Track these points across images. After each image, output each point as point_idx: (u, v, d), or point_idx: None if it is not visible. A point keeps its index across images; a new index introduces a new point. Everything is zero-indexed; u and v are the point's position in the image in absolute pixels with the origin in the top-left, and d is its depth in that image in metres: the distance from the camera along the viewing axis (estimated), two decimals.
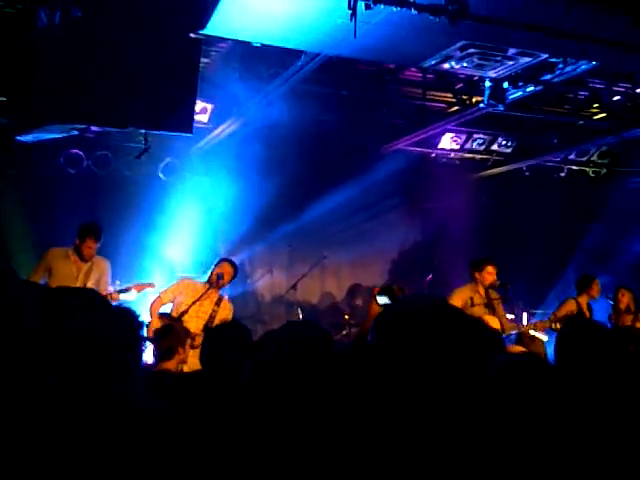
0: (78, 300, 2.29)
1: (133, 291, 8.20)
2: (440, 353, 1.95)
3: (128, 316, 2.41)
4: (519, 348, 5.39)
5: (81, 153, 9.67)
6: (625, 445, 2.59)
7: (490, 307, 8.42)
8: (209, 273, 7.84)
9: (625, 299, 9.18)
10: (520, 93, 7.63)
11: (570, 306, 9.01)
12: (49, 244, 8.40)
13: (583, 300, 9.12)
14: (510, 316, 9.30)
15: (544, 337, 7.97)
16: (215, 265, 7.86)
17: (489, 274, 8.41)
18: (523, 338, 8.12)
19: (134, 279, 8.73)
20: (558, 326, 8.64)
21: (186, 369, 5.91)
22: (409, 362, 1.95)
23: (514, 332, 8.38)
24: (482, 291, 8.43)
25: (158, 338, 5.40)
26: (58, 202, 9.19)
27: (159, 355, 5.28)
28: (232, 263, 7.88)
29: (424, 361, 1.94)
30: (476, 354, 2.02)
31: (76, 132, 6.26)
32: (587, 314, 9.01)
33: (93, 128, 7.84)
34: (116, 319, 2.29)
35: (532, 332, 8.23)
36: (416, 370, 1.93)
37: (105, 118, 5.88)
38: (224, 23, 5.66)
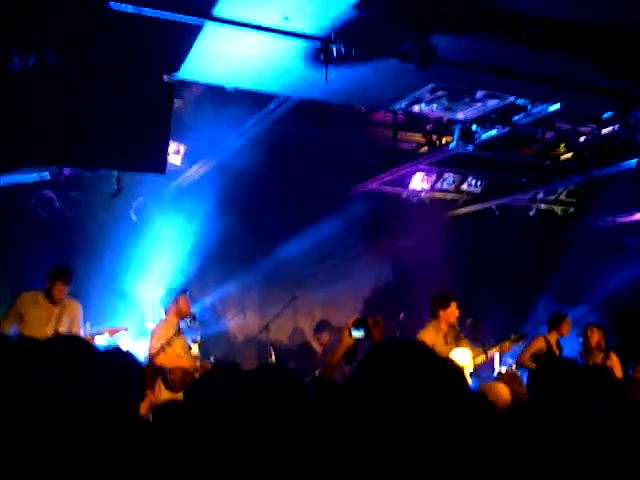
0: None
1: (106, 334, 8.13)
2: (421, 395, 1.97)
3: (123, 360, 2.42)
4: (501, 385, 5.38)
5: (52, 195, 9.61)
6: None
7: (458, 342, 8.48)
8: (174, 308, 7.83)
9: (595, 337, 9.25)
10: (488, 134, 7.77)
11: (539, 344, 9.06)
12: (19, 287, 8.34)
13: (552, 337, 9.18)
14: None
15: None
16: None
17: (453, 311, 8.48)
18: (503, 377, 8.14)
19: (105, 322, 8.66)
20: (528, 363, 8.71)
21: None
22: (379, 405, 1.96)
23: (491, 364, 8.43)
24: (445, 328, 8.48)
25: None
26: (28, 244, 9.11)
27: None
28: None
29: (395, 404, 1.95)
30: (435, 395, 2.04)
31: (47, 176, 6.24)
32: (556, 352, 9.07)
33: (65, 170, 7.86)
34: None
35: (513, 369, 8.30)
36: (385, 413, 1.95)
37: (78, 160, 5.89)
38: (197, 68, 5.73)
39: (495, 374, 8.89)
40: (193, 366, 7.70)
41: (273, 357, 9.60)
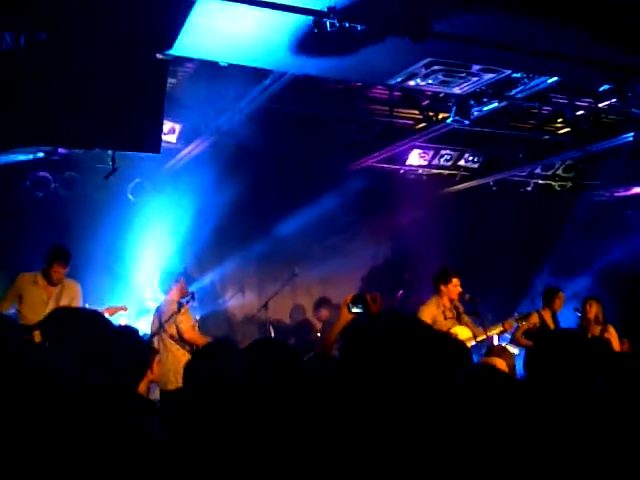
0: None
1: (105, 314, 8.14)
2: (405, 368, 1.96)
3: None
4: (499, 360, 5.39)
5: (48, 176, 9.59)
6: (598, 457, 2.62)
7: (458, 318, 8.49)
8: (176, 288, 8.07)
9: (593, 310, 9.28)
10: (485, 109, 7.73)
11: (532, 319, 9.09)
12: (17, 268, 8.34)
13: (547, 313, 9.20)
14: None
15: (515, 350, 8.02)
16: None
17: (454, 286, 8.48)
18: (493, 350, 8.16)
19: (103, 301, 8.66)
20: (522, 340, 8.71)
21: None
22: (374, 377, 1.95)
23: (489, 341, 8.44)
24: (448, 303, 8.49)
25: None
26: (25, 225, 9.10)
27: None
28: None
29: (389, 376, 1.95)
30: (440, 369, 2.03)
31: (42, 154, 6.22)
32: (552, 326, 9.09)
33: (60, 150, 7.82)
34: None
35: (504, 345, 8.28)
36: (381, 385, 1.94)
37: (71, 139, 5.85)
38: (191, 43, 5.68)
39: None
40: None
41: (272, 335, 9.62)
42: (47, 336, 2.51)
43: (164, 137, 8.00)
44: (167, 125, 8.62)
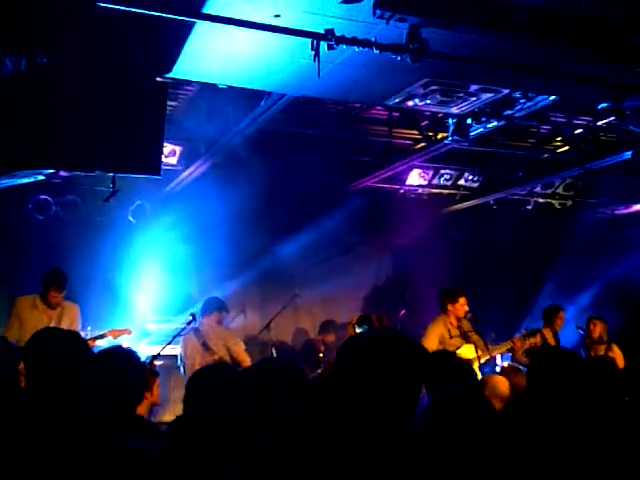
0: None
1: (109, 337, 8.13)
2: (393, 386, 1.95)
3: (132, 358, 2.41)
4: (500, 378, 5.40)
5: (49, 199, 9.62)
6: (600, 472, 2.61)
7: (464, 337, 8.46)
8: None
9: (597, 329, 9.26)
10: (484, 128, 7.76)
11: (535, 338, 9.06)
12: (17, 290, 8.34)
13: (548, 332, 9.17)
14: None
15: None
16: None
17: (462, 305, 8.47)
18: (505, 370, 8.15)
19: (104, 324, 8.65)
20: (522, 359, 8.67)
21: None
22: (361, 395, 1.94)
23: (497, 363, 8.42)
24: (455, 322, 8.48)
25: None
26: (26, 249, 9.11)
27: None
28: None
29: (376, 393, 1.94)
30: (438, 386, 2.02)
31: (43, 177, 6.24)
32: (552, 344, 9.06)
33: (61, 173, 7.85)
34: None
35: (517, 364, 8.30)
36: (367, 402, 1.93)
37: (72, 162, 5.88)
38: (190, 66, 5.72)
39: (498, 369, 8.89)
40: None
41: (275, 356, 9.60)
42: (28, 362, 2.48)
43: (164, 159, 8.05)
44: (167, 147, 8.66)
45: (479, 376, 6.55)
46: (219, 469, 2.33)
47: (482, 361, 8.30)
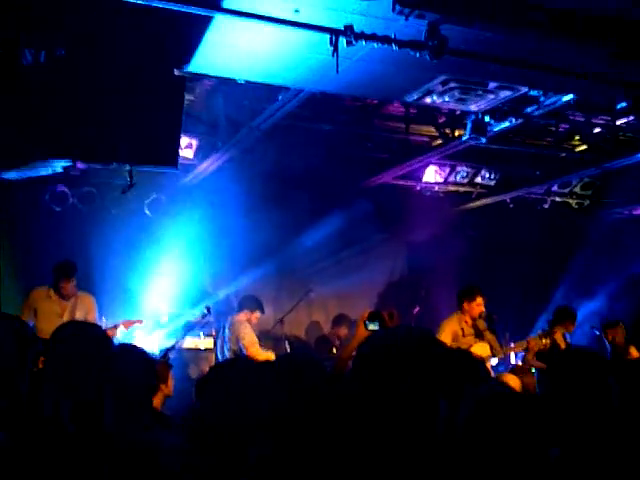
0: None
1: (121, 328, 8.18)
2: (416, 386, 1.94)
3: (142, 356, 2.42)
4: (512, 377, 5.40)
5: (66, 190, 9.66)
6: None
7: (479, 335, 8.44)
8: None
9: (617, 334, 9.22)
10: (502, 126, 7.73)
11: (544, 340, 9.03)
12: (34, 282, 8.40)
13: (558, 333, 9.12)
14: None
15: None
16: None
17: (478, 305, 8.44)
18: (517, 370, 8.13)
19: (119, 315, 8.70)
20: (533, 361, 8.61)
21: None
22: (382, 396, 1.93)
23: (511, 361, 8.40)
24: (469, 320, 8.46)
25: None
26: (43, 239, 9.16)
27: None
28: None
29: (399, 394, 1.93)
30: (454, 386, 2.01)
31: (61, 169, 6.27)
32: (562, 346, 9.01)
33: (78, 165, 7.88)
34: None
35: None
36: (391, 404, 1.92)
37: (90, 154, 5.91)
38: (208, 61, 5.73)
39: (509, 367, 8.87)
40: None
41: (288, 351, 9.62)
42: (48, 354, 2.50)
43: (181, 152, 8.06)
44: (184, 140, 8.67)
45: (492, 374, 6.53)
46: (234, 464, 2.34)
47: (496, 360, 8.28)
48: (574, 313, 9.32)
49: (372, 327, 3.70)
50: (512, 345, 8.75)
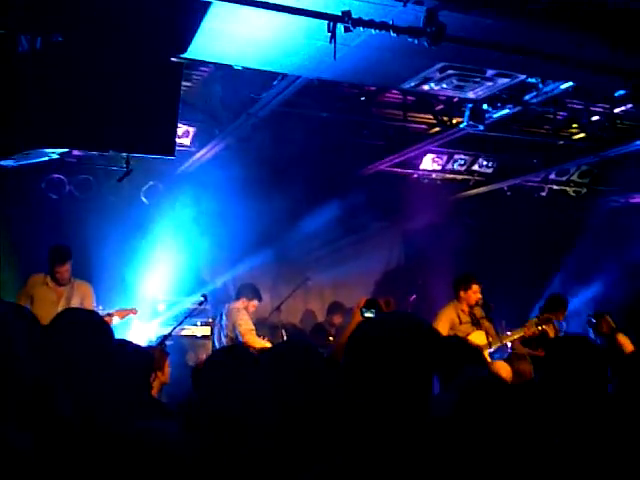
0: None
1: (115, 317, 8.18)
2: (409, 372, 1.93)
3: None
4: (503, 364, 5.41)
5: (63, 178, 9.64)
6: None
7: (476, 323, 8.45)
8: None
9: (605, 324, 9.23)
10: (499, 114, 7.71)
11: (532, 327, 9.06)
12: (31, 270, 8.38)
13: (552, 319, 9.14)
14: None
15: None
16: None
17: (474, 292, 8.45)
18: (511, 357, 8.13)
19: (115, 304, 8.69)
20: (519, 347, 8.60)
21: None
22: (376, 381, 1.93)
23: (508, 348, 8.40)
24: (466, 309, 8.47)
25: None
26: (40, 227, 9.14)
27: None
28: None
29: (392, 380, 1.93)
30: (449, 372, 2.00)
31: (57, 156, 6.24)
32: (551, 334, 9.03)
33: (75, 152, 7.86)
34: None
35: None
36: (382, 388, 1.92)
37: (86, 141, 5.87)
38: (205, 47, 5.69)
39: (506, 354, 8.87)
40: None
41: (285, 338, 9.63)
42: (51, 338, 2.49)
43: (178, 140, 8.04)
44: (181, 128, 8.65)
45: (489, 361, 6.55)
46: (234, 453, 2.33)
47: (493, 348, 8.29)
48: (566, 301, 9.30)
49: (368, 314, 3.71)
50: (509, 333, 8.74)
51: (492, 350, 8.26)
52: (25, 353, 1.99)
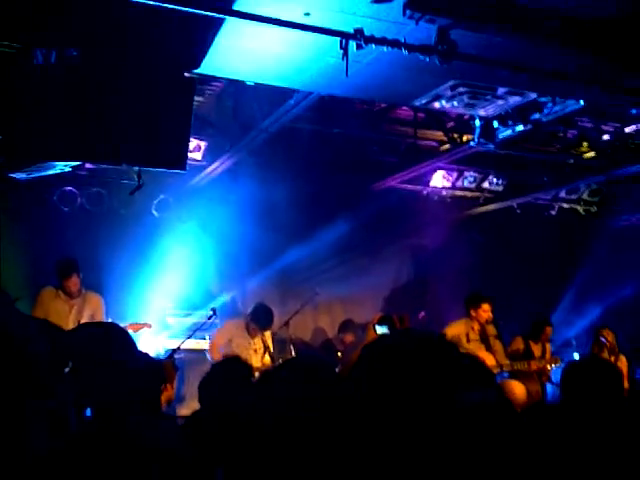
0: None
1: (129, 330, 8.20)
2: (419, 390, 1.92)
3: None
4: (517, 383, 5.38)
5: (75, 191, 9.69)
6: None
7: (485, 343, 8.43)
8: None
9: (610, 338, 9.28)
10: (510, 132, 7.71)
11: (517, 344, 9.13)
12: (43, 282, 8.43)
13: (534, 343, 9.25)
14: None
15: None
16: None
17: (484, 312, 8.46)
18: (519, 375, 8.11)
19: (126, 316, 8.71)
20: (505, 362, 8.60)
21: None
22: (390, 397, 1.92)
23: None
24: (477, 327, 8.46)
25: None
26: (51, 240, 9.19)
27: None
28: None
29: (407, 396, 1.92)
30: (456, 391, 1.99)
31: (69, 169, 6.28)
32: (536, 353, 9.09)
33: (87, 165, 7.91)
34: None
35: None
36: (398, 405, 1.91)
37: (99, 155, 5.91)
38: (218, 63, 5.74)
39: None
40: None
41: (293, 353, 9.61)
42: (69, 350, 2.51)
43: (189, 154, 8.08)
44: (193, 142, 8.70)
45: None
46: (235, 467, 2.33)
47: (504, 368, 8.29)
48: (549, 326, 9.39)
49: (380, 330, 3.72)
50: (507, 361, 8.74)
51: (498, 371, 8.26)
52: (47, 358, 2.01)
